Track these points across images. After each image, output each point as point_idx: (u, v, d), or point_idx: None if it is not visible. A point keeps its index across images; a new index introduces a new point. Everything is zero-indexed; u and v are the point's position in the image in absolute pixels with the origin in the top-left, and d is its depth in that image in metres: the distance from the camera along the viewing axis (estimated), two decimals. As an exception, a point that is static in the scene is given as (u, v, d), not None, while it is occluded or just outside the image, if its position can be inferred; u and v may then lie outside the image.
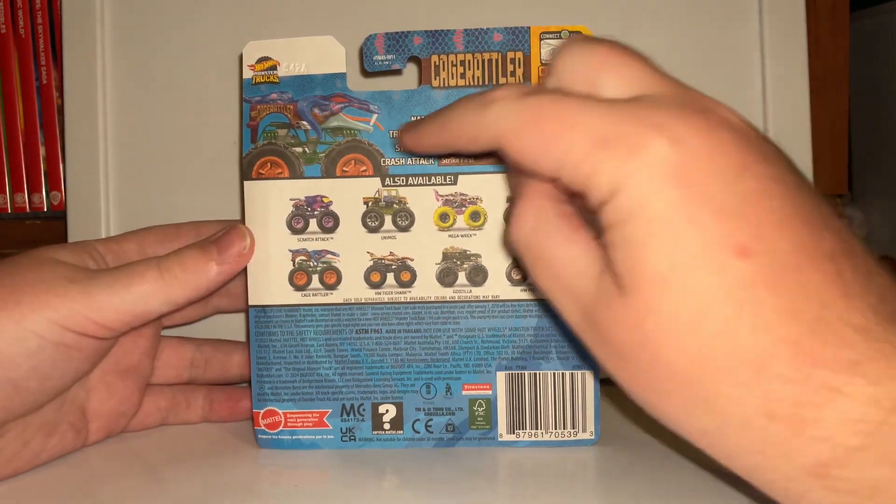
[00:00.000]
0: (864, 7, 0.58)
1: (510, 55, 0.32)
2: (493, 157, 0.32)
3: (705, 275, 0.20)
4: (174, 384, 0.37)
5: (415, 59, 0.33)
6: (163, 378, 0.37)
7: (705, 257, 0.20)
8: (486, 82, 0.32)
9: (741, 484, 0.28)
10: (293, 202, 0.33)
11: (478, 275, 0.33)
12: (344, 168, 0.33)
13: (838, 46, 0.46)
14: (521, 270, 0.32)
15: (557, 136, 0.22)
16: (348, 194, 0.33)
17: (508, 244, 0.26)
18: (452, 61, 0.33)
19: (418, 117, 0.33)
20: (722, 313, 0.20)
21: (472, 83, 0.33)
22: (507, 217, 0.26)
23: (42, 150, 0.48)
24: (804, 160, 0.41)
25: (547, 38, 0.32)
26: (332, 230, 0.33)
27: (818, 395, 0.19)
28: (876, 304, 0.20)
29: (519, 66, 0.32)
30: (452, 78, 0.33)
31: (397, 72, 0.34)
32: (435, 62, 0.33)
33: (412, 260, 0.33)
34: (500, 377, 0.32)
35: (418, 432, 0.33)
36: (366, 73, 0.34)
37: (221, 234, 0.32)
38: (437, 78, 0.33)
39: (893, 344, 0.20)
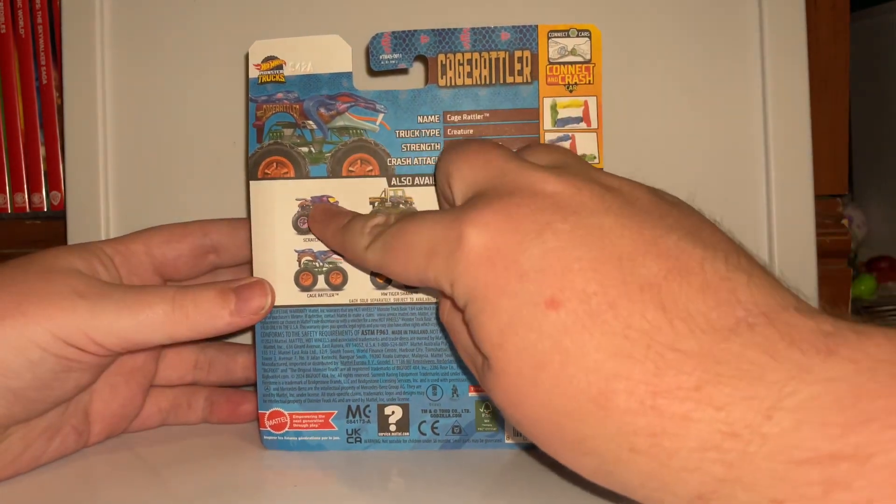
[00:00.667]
0: (864, 7, 0.58)
1: (517, 54, 0.32)
2: None
3: (528, 332, 0.22)
4: (176, 386, 0.37)
5: (421, 58, 0.33)
6: (166, 380, 0.36)
7: (523, 317, 0.22)
8: (494, 81, 0.32)
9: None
10: (299, 202, 0.33)
11: (485, 275, 0.32)
12: (350, 168, 0.33)
13: (838, 46, 0.46)
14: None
15: (406, 265, 0.26)
16: (354, 194, 0.33)
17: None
18: (459, 60, 0.33)
19: (425, 118, 0.33)
20: (555, 362, 0.21)
21: (478, 82, 0.32)
22: None
23: (42, 150, 0.48)
24: (804, 160, 0.42)
25: (555, 37, 0.32)
26: None
27: (671, 423, 0.20)
28: (717, 318, 0.20)
29: (526, 65, 0.32)
30: (459, 77, 0.33)
31: (404, 71, 0.34)
32: (441, 61, 0.33)
33: None
34: (508, 377, 0.32)
35: (424, 434, 0.33)
36: (372, 73, 0.34)
37: (244, 284, 0.31)
38: (444, 77, 0.33)
39: (737, 362, 0.20)
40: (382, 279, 0.33)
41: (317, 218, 0.32)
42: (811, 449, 0.18)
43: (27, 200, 0.50)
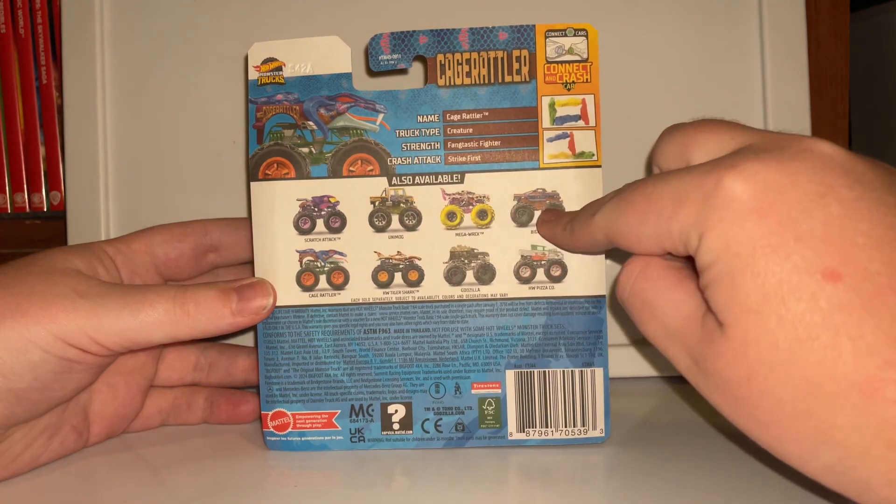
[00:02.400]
0: (864, 7, 0.58)
1: (515, 53, 0.32)
2: None
3: (797, 302, 0.20)
4: (176, 386, 0.37)
5: (420, 59, 0.33)
6: (166, 380, 0.36)
7: (794, 284, 0.20)
8: (492, 80, 0.32)
9: (747, 482, 0.28)
10: (300, 202, 0.33)
11: (485, 273, 0.32)
12: (350, 168, 0.33)
13: (838, 46, 0.46)
14: (529, 268, 0.32)
15: (645, 214, 0.24)
16: (355, 194, 0.33)
17: (617, 299, 0.28)
18: (458, 60, 0.33)
19: (424, 117, 0.32)
20: (820, 340, 0.20)
21: (477, 81, 0.32)
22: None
23: (42, 150, 0.48)
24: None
25: (552, 36, 0.32)
26: (339, 230, 0.33)
27: None
28: None
29: (524, 65, 0.32)
30: (458, 77, 0.33)
31: (403, 71, 0.34)
32: (440, 61, 0.33)
33: (420, 259, 0.33)
34: (510, 375, 0.32)
35: (428, 432, 0.33)
36: (371, 73, 0.34)
37: (246, 284, 0.31)
38: (443, 77, 0.33)
39: None
40: (386, 277, 0.33)
41: (545, 218, 0.32)
42: None
43: (27, 200, 0.50)
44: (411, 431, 0.33)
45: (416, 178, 0.33)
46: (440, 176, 0.33)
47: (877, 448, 0.19)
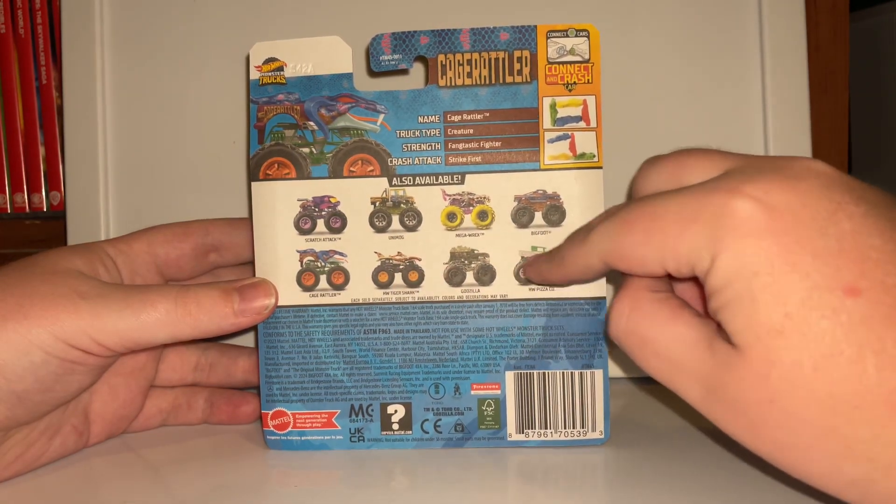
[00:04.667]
0: (864, 7, 0.58)
1: (517, 54, 0.32)
2: None
3: (820, 318, 0.20)
4: (177, 387, 0.37)
5: (421, 59, 0.33)
6: (166, 381, 0.36)
7: (816, 301, 0.20)
8: (493, 81, 0.32)
9: (747, 485, 0.28)
10: (301, 203, 0.33)
11: (485, 274, 0.32)
12: (351, 168, 0.33)
13: (838, 46, 0.46)
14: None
15: (648, 234, 0.23)
16: (356, 194, 0.33)
17: (611, 338, 0.27)
18: (459, 60, 0.33)
19: (425, 118, 0.33)
20: (845, 355, 0.20)
21: (478, 82, 0.32)
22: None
23: (42, 150, 0.48)
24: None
25: (553, 37, 0.32)
26: (339, 230, 0.33)
27: None
28: None
29: (526, 65, 0.32)
30: (459, 77, 0.33)
31: (404, 71, 0.34)
32: (441, 61, 0.33)
33: (420, 260, 0.33)
34: (509, 377, 0.32)
35: (427, 432, 0.33)
36: (372, 73, 0.34)
37: (248, 284, 0.31)
38: (444, 77, 0.33)
39: None
40: (387, 277, 0.32)
41: (530, 261, 0.32)
42: None
43: (27, 200, 0.50)
44: (411, 432, 0.33)
45: (417, 178, 0.33)
46: (441, 176, 0.33)
47: None
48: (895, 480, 0.20)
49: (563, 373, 0.32)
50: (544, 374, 0.32)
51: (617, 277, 0.27)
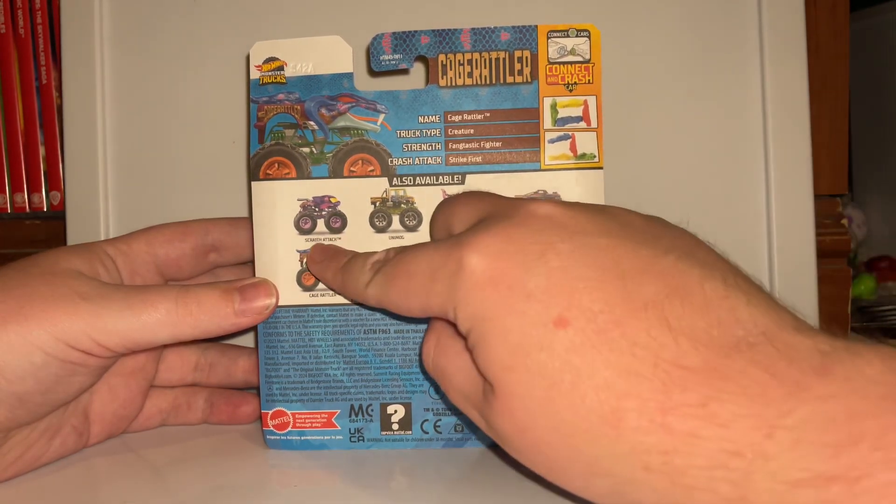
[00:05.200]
0: (864, 7, 0.58)
1: (517, 54, 0.32)
2: None
3: (537, 352, 0.22)
4: (176, 387, 0.37)
5: (422, 59, 0.33)
6: (166, 381, 0.36)
7: (532, 337, 0.22)
8: (494, 81, 0.32)
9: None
10: (301, 202, 0.33)
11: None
12: (351, 168, 0.33)
13: (838, 46, 0.46)
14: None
15: (407, 292, 0.26)
16: (356, 194, 0.33)
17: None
18: (460, 60, 0.33)
19: (425, 118, 0.33)
20: (565, 382, 0.21)
21: (479, 82, 0.32)
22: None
23: (41, 150, 0.48)
24: (804, 160, 0.42)
25: (554, 37, 0.32)
26: (339, 230, 0.33)
27: (680, 441, 0.20)
28: (719, 336, 0.21)
29: (526, 65, 0.32)
30: (459, 77, 0.33)
31: (404, 71, 0.34)
32: (442, 61, 0.33)
33: None
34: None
35: (427, 433, 0.33)
36: (373, 73, 0.34)
37: (248, 284, 0.31)
38: (445, 77, 0.33)
39: (739, 379, 0.20)
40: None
41: (315, 258, 0.32)
42: (806, 469, 0.18)
43: (27, 200, 0.50)
44: (410, 432, 0.33)
45: (417, 178, 0.33)
46: (441, 177, 0.33)
47: (638, 473, 0.21)
48: (638, 493, 0.21)
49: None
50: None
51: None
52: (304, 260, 0.33)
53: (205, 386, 0.37)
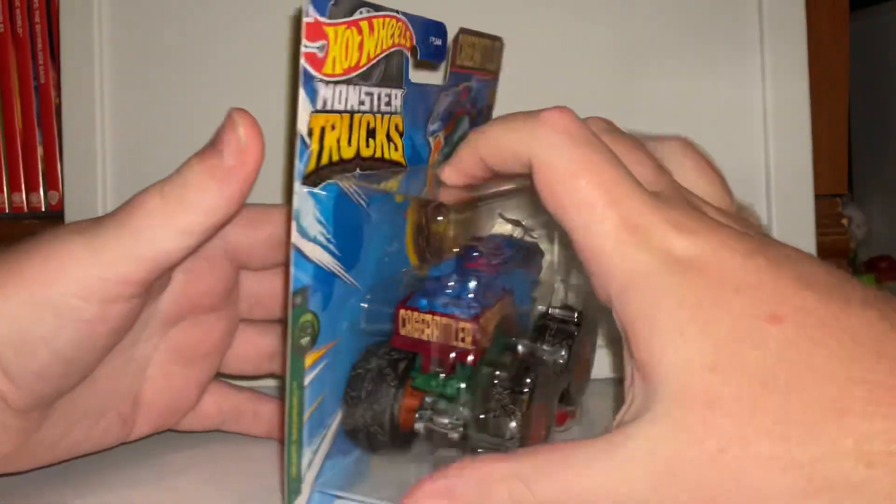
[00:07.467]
0: (864, 7, 0.58)
1: None
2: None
3: (750, 349, 0.20)
4: (244, 387, 0.34)
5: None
6: (239, 370, 0.33)
7: (742, 333, 0.20)
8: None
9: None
10: None
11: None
12: None
13: (838, 46, 0.46)
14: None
15: (592, 201, 0.22)
16: None
17: None
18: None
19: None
20: (780, 378, 0.20)
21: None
22: None
23: (40, 150, 0.48)
24: (804, 160, 0.42)
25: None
26: None
27: None
28: None
29: None
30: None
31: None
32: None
33: None
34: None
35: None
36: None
37: (217, 134, 0.27)
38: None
39: None
40: None
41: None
42: None
43: (25, 200, 0.50)
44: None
45: None
46: None
47: (860, 472, 0.19)
48: (860, 496, 0.19)
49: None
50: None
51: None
52: None
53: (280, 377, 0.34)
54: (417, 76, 0.30)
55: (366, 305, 0.28)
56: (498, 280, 0.28)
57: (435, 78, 0.34)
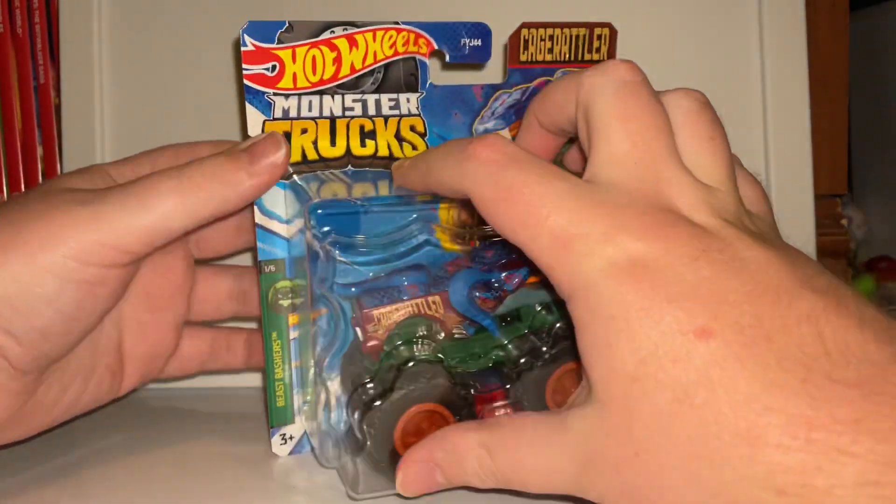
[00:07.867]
0: (864, 7, 0.58)
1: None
2: None
3: (673, 363, 0.20)
4: (215, 325, 0.36)
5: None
6: (202, 314, 0.35)
7: (668, 346, 0.20)
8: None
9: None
10: None
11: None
12: None
13: (838, 46, 0.46)
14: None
15: (523, 222, 0.23)
16: None
17: None
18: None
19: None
20: (699, 397, 0.20)
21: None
22: None
23: (39, 150, 0.47)
24: (804, 160, 0.42)
25: None
26: None
27: (826, 459, 0.18)
28: (874, 351, 0.19)
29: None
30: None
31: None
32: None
33: None
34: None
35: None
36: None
37: (253, 141, 0.29)
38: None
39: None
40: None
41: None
42: None
43: (25, 200, 0.50)
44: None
45: None
46: None
47: (770, 498, 0.19)
48: None
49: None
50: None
51: None
52: None
53: (245, 316, 0.36)
54: (452, 77, 0.31)
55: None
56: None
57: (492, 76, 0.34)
